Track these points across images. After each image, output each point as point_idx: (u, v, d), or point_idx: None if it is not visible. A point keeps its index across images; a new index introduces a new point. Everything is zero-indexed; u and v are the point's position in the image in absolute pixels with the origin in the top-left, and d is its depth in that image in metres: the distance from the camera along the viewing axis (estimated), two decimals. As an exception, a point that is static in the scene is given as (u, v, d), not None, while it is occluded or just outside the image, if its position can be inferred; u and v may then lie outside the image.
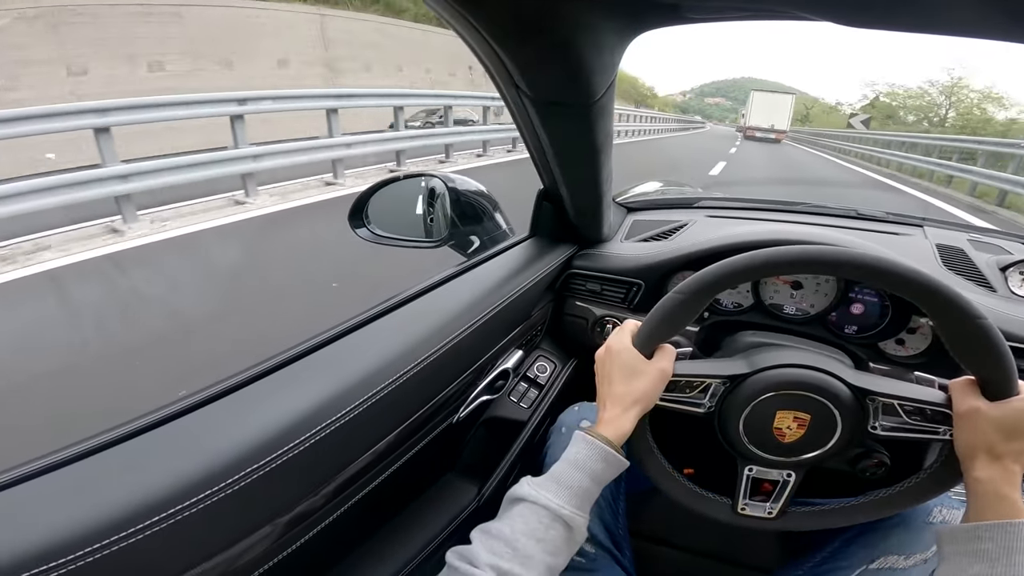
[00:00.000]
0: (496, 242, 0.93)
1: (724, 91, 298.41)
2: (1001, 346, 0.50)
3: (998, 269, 0.90)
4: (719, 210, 1.14)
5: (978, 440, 0.51)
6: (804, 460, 0.60)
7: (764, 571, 0.78)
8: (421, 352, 0.61)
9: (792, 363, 0.59)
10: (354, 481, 0.55)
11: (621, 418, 0.56)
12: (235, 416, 0.46)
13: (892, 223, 1.08)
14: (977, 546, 0.46)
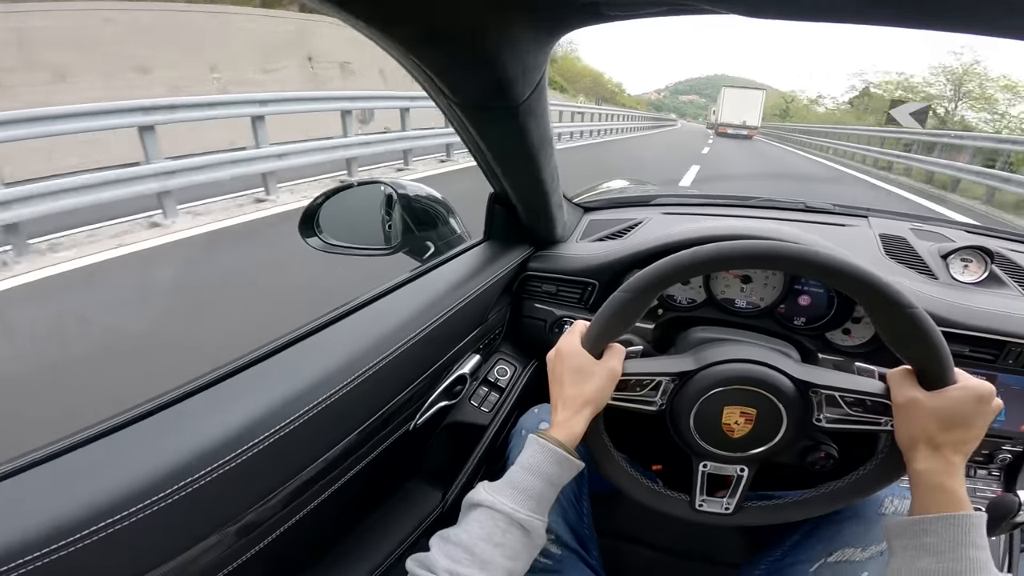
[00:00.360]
0: (451, 247, 0.93)
1: (698, 88, 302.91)
2: (934, 335, 0.50)
3: (939, 256, 0.92)
4: (674, 207, 1.15)
5: (917, 431, 0.51)
6: (754, 455, 0.61)
7: (731, 566, 0.79)
8: (372, 358, 0.61)
9: (737, 358, 0.60)
10: (306, 489, 0.55)
11: (572, 420, 0.56)
12: (179, 425, 0.46)
13: (839, 215, 1.11)
14: (923, 540, 0.47)
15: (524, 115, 0.55)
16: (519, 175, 0.76)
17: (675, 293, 0.91)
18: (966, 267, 0.90)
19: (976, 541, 0.45)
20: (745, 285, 0.88)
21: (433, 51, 0.43)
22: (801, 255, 0.54)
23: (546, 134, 0.65)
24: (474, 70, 0.46)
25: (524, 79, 0.49)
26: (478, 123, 0.59)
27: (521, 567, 0.51)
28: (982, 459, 0.88)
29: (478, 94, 0.51)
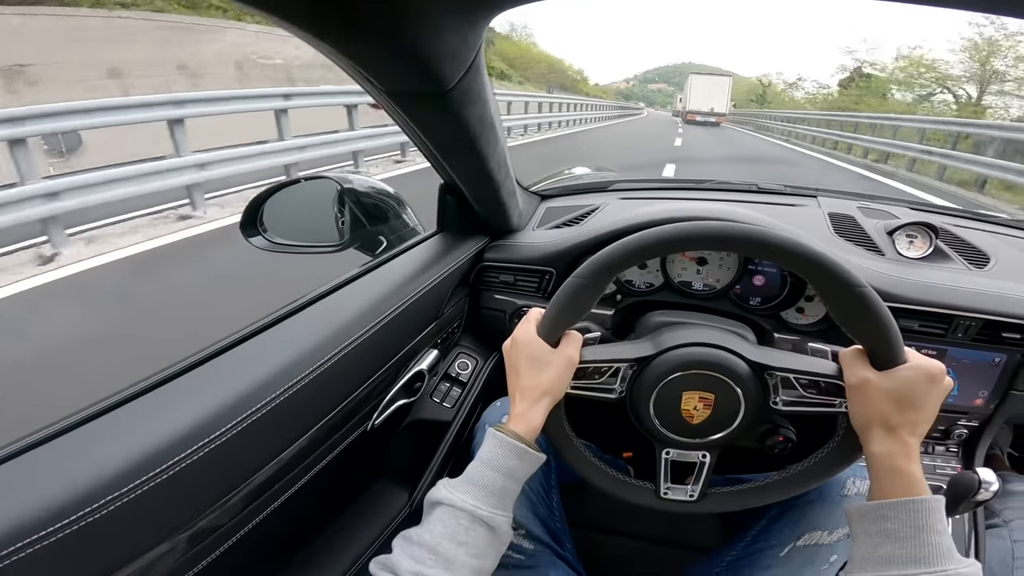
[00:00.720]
0: (404, 240, 0.91)
1: (666, 77, 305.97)
2: (883, 314, 0.50)
3: (886, 233, 0.94)
4: (631, 192, 1.15)
5: (871, 412, 0.50)
6: (714, 441, 0.61)
7: (704, 551, 0.80)
8: (323, 354, 0.59)
9: (694, 342, 0.60)
10: (264, 491, 0.53)
11: (531, 411, 0.55)
12: (125, 426, 0.44)
13: (789, 195, 1.13)
14: (883, 525, 0.46)
15: (457, 100, 0.53)
16: (463, 164, 0.74)
17: (633, 278, 0.91)
18: (911, 243, 0.93)
19: (936, 526, 0.45)
20: (701, 267, 0.89)
21: (351, 40, 0.40)
22: (752, 235, 0.53)
23: (487, 119, 0.63)
24: (396, 56, 0.44)
25: (452, 63, 0.47)
26: (410, 111, 0.57)
27: (489, 565, 0.50)
28: (939, 435, 0.90)
29: (404, 80, 0.49)
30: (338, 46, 0.41)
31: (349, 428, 0.67)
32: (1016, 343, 0.82)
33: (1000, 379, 0.84)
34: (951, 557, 0.43)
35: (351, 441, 0.68)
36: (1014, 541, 0.79)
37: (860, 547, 0.48)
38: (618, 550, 1.06)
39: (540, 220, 1.05)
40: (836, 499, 0.69)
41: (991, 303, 0.80)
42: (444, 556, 0.46)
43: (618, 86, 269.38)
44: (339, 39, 0.40)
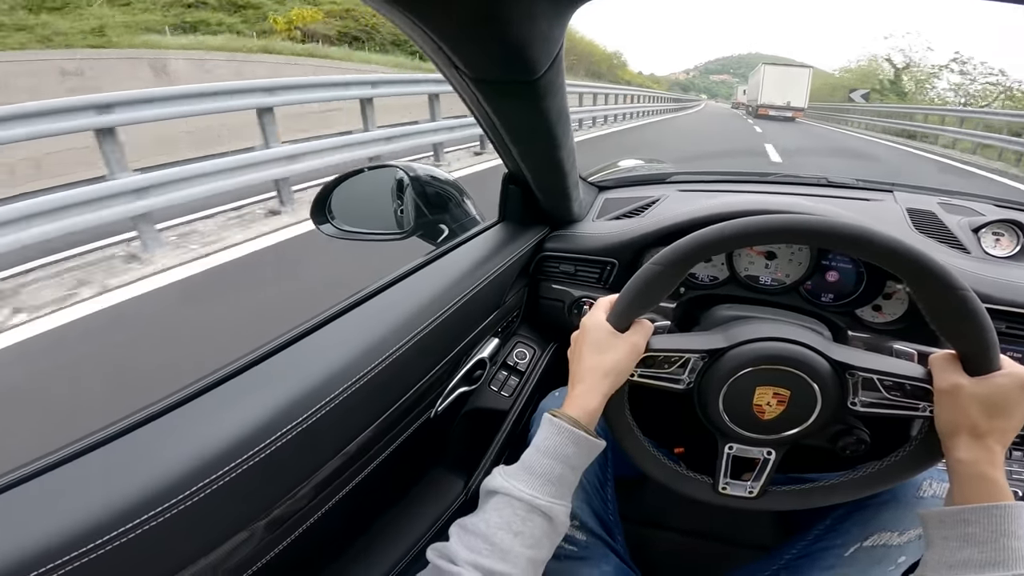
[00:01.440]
0: (465, 229, 0.92)
1: (730, 67, 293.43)
2: (983, 319, 0.48)
3: (970, 230, 0.88)
4: (690, 184, 1.12)
5: (960, 418, 0.49)
6: (784, 438, 0.59)
7: (761, 549, 0.77)
8: (389, 346, 0.59)
9: (771, 336, 0.58)
10: (331, 481, 0.54)
11: (588, 394, 0.54)
12: (196, 423, 0.45)
13: (862, 189, 1.07)
14: (964, 530, 0.45)
15: (542, 90, 0.53)
16: (536, 153, 0.74)
17: (696, 271, 0.89)
18: (998, 241, 0.86)
19: (1017, 531, 0.43)
20: (770, 262, 0.85)
21: (444, 20, 0.40)
22: (849, 231, 0.51)
23: (564, 110, 0.63)
24: (490, 42, 0.44)
25: (543, 51, 0.46)
26: (493, 100, 0.57)
27: (544, 555, 0.49)
28: (1019, 440, 0.84)
29: (494, 68, 0.49)
30: (435, 29, 0.41)
31: (412, 418, 0.68)
32: None
33: None
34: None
35: (414, 430, 0.69)
36: None
37: (936, 551, 0.47)
38: (670, 545, 1.04)
39: (599, 211, 1.04)
40: (911, 501, 0.66)
41: None
42: (500, 546, 0.46)
43: (677, 77, 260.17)
44: (436, 22, 0.40)
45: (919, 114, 17.48)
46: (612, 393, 0.56)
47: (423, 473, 0.85)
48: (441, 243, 0.90)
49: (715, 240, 0.54)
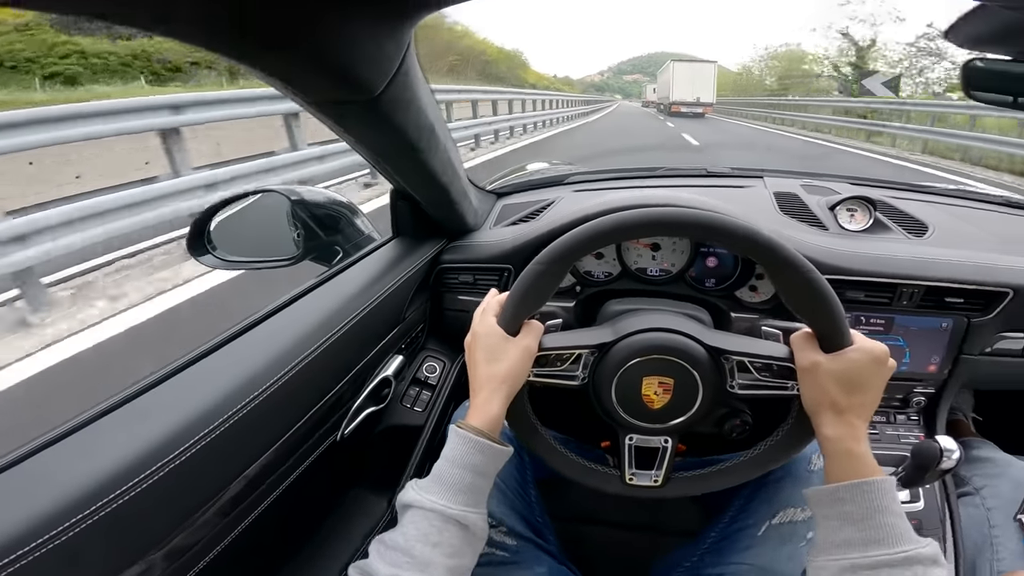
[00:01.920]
0: (360, 248, 0.90)
1: (641, 67, 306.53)
2: (830, 298, 0.51)
3: (827, 208, 0.97)
4: (585, 184, 1.16)
5: (821, 395, 0.52)
6: (675, 425, 0.62)
7: (689, 535, 0.80)
8: (279, 369, 0.58)
9: (652, 327, 0.61)
10: (234, 507, 0.53)
11: (489, 402, 0.55)
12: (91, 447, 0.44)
13: (737, 176, 1.15)
14: (841, 508, 0.48)
15: (385, 108, 0.53)
16: (407, 169, 0.74)
17: (591, 268, 0.92)
18: (852, 216, 0.96)
19: (891, 507, 0.46)
20: (656, 253, 0.90)
21: (262, 53, 0.40)
22: (701, 220, 0.54)
23: (424, 124, 0.63)
24: (313, 67, 0.43)
25: (374, 70, 0.47)
26: (338, 121, 0.56)
27: (466, 562, 0.50)
28: (898, 403, 0.93)
29: (326, 91, 0.48)
30: (250, 60, 0.40)
31: (317, 439, 0.67)
32: (960, 307, 0.84)
33: (950, 344, 0.87)
34: (908, 537, 0.45)
35: (321, 452, 0.68)
36: (988, 508, 0.81)
37: (822, 531, 0.50)
38: (604, 539, 1.07)
39: (497, 218, 1.05)
40: (804, 475, 0.71)
41: (931, 270, 0.82)
42: (419, 558, 0.46)
43: (592, 78, 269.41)
44: (248, 53, 0.39)
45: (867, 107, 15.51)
46: (512, 398, 0.57)
47: (343, 495, 0.84)
48: (335, 264, 0.88)
49: (590, 236, 0.56)
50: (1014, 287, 0.82)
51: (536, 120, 13.17)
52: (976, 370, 0.89)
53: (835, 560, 0.46)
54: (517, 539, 0.70)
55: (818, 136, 14.90)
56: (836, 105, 17.87)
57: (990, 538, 0.77)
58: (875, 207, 0.94)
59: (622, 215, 0.55)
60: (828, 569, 0.46)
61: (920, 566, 0.43)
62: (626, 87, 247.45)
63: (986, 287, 0.83)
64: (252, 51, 0.39)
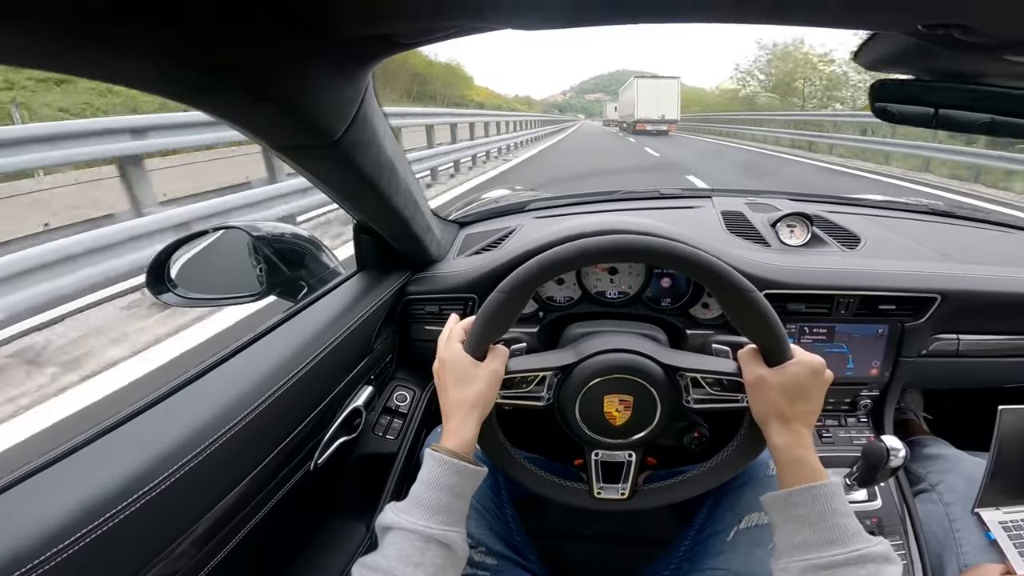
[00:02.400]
0: (325, 283, 0.91)
1: (603, 86, 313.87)
2: (770, 316, 0.55)
3: (769, 225, 1.03)
4: (545, 210, 1.20)
5: (768, 407, 0.56)
6: (637, 440, 0.65)
7: (663, 543, 0.83)
8: (248, 404, 0.59)
9: (612, 348, 0.64)
10: (209, 539, 0.53)
11: (463, 426, 0.57)
12: (53, 490, 0.43)
13: (688, 197, 1.22)
14: (795, 512, 0.51)
15: (347, 150, 0.55)
16: (367, 206, 0.76)
17: (553, 294, 0.96)
18: (792, 231, 1.02)
19: (840, 508, 0.50)
20: (613, 276, 0.94)
21: (223, 101, 0.41)
22: (650, 247, 0.58)
23: (383, 162, 0.65)
24: (274, 117, 0.45)
25: (333, 116, 0.49)
26: (300, 163, 0.58)
27: None
28: (847, 407, 0.99)
29: (287, 136, 0.50)
30: (210, 109, 0.42)
31: (290, 470, 0.68)
32: (893, 314, 0.91)
33: (887, 348, 0.93)
34: (860, 537, 0.48)
35: (295, 483, 0.68)
36: (946, 504, 0.85)
37: (780, 535, 0.53)
38: (583, 553, 1.09)
39: (460, 248, 1.08)
40: (764, 479, 0.74)
41: (864, 280, 0.89)
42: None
43: (555, 99, 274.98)
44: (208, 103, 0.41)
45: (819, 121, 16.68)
46: (483, 420, 0.59)
47: (321, 525, 0.84)
48: (300, 299, 0.88)
49: (551, 264, 0.59)
50: (942, 292, 0.89)
51: (489, 147, 10.63)
52: (915, 371, 0.95)
53: (796, 562, 0.49)
54: (497, 559, 0.71)
55: (765, 147, 16.60)
56: (779, 120, 19.45)
57: (952, 533, 0.81)
58: (812, 222, 1.01)
59: (580, 243, 0.59)
60: (790, 570, 0.49)
61: (873, 564, 0.46)
62: (588, 106, 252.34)
63: (916, 294, 0.89)
64: (212, 101, 0.41)
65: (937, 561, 0.81)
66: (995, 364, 0.97)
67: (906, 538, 0.84)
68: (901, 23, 0.34)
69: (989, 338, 0.95)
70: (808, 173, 9.56)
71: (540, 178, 9.11)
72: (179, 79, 0.36)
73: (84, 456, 0.47)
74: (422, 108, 11.08)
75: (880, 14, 0.33)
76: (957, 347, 0.94)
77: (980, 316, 0.93)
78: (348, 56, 0.44)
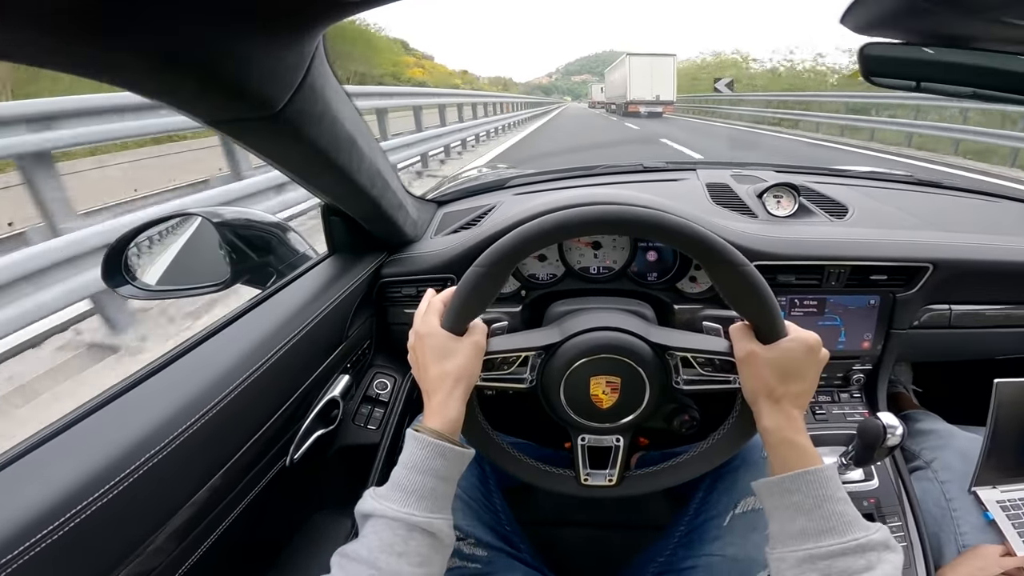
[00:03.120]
0: (295, 268, 0.87)
1: (589, 67, 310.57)
2: (764, 290, 0.53)
3: (755, 196, 1.00)
4: (525, 186, 1.17)
5: (758, 385, 0.53)
6: (625, 424, 0.62)
7: (658, 528, 0.81)
8: (215, 395, 0.56)
9: (597, 327, 0.61)
10: (185, 535, 0.51)
11: (447, 404, 0.53)
12: (19, 485, 0.42)
13: (672, 171, 1.19)
14: (791, 499, 0.48)
15: (291, 122, 0.50)
16: (328, 184, 0.71)
17: (536, 271, 0.92)
18: (779, 202, 1.00)
19: (836, 494, 0.47)
20: (597, 251, 0.91)
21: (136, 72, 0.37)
22: (639, 217, 0.54)
23: (342, 135, 0.60)
24: (197, 85, 0.40)
25: (272, 84, 0.44)
26: (239, 137, 0.53)
27: (436, 571, 0.48)
28: (840, 382, 0.97)
29: (216, 109, 0.45)
30: (121, 80, 0.37)
31: (266, 464, 0.65)
32: (885, 284, 0.89)
33: (879, 320, 0.91)
34: (859, 524, 0.46)
35: (272, 478, 0.66)
36: (941, 482, 0.84)
37: (775, 522, 0.50)
38: (576, 540, 1.07)
39: (438, 227, 1.04)
40: (759, 462, 0.72)
41: (854, 249, 0.87)
42: (385, 570, 0.44)
43: (540, 81, 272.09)
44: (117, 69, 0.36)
45: (791, 100, 17.44)
46: (468, 397, 0.56)
47: (303, 520, 0.82)
48: (270, 286, 0.84)
49: (531, 236, 0.55)
50: (933, 261, 0.87)
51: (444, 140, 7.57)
52: (907, 343, 0.94)
53: (793, 551, 0.46)
54: (487, 550, 0.68)
55: (749, 125, 17.60)
56: (756, 99, 20.20)
57: (949, 512, 0.80)
58: (799, 192, 0.98)
59: (563, 214, 0.55)
60: (787, 560, 0.47)
61: (873, 552, 0.44)
62: (575, 88, 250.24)
63: (907, 263, 0.87)
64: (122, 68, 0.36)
65: (935, 542, 0.79)
66: (987, 335, 0.95)
67: (904, 519, 0.82)
68: None
69: (981, 308, 0.94)
70: (797, 148, 9.75)
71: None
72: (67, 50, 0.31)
73: (41, 455, 0.45)
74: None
75: None
76: (949, 318, 0.93)
77: (972, 285, 0.92)
78: (283, 17, 0.39)
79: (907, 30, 0.43)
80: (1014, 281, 0.92)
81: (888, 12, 0.40)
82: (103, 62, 0.34)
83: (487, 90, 44.10)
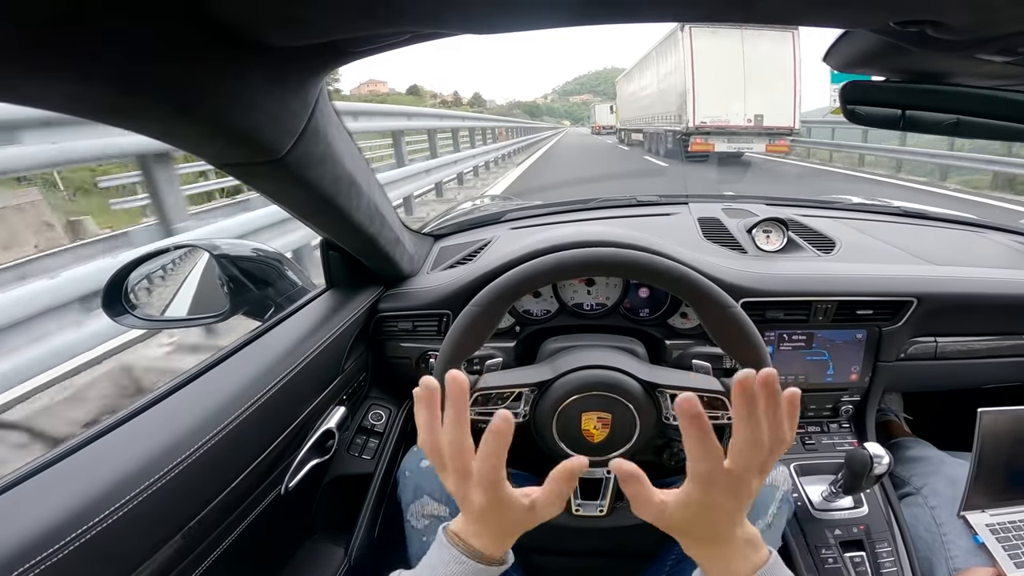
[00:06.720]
0: (293, 301, 0.88)
1: (590, 86, 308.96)
2: (750, 332, 0.55)
3: (745, 231, 1.03)
4: (521, 220, 1.19)
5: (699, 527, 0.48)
6: (615, 457, 0.62)
7: (649, 556, 0.80)
8: (214, 426, 0.56)
9: (589, 365, 0.62)
10: (179, 562, 0.51)
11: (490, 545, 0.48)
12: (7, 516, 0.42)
13: (664, 204, 1.21)
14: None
15: (295, 166, 0.52)
16: (328, 223, 0.73)
17: (530, 307, 0.94)
18: (768, 237, 1.02)
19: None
20: (590, 288, 0.93)
21: (148, 121, 0.38)
22: (632, 261, 0.57)
23: (341, 176, 0.62)
24: (207, 133, 0.42)
25: (278, 131, 0.46)
26: (246, 180, 0.55)
27: None
28: (829, 413, 0.98)
29: (222, 154, 0.47)
30: (134, 126, 0.38)
31: (260, 493, 0.66)
32: (871, 318, 0.91)
33: (866, 353, 0.93)
34: None
35: (267, 507, 0.66)
36: (931, 507, 0.85)
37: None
38: (566, 568, 1.06)
39: (435, 261, 1.05)
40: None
41: (841, 285, 0.89)
42: None
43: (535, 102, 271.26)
44: (131, 117, 0.37)
45: None
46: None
47: (295, 548, 0.82)
48: (268, 318, 0.85)
49: (527, 277, 0.57)
50: (917, 295, 0.89)
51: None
52: (895, 375, 0.95)
53: None
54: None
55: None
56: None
57: (940, 537, 0.80)
58: (787, 227, 1.01)
59: (559, 256, 0.57)
60: None
61: None
62: (574, 110, 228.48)
63: (892, 297, 0.89)
64: (135, 116, 0.37)
65: (926, 566, 0.80)
66: (973, 366, 0.97)
67: (895, 544, 0.83)
68: (874, 20, 0.34)
69: (966, 339, 0.95)
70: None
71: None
72: (86, 97, 0.33)
73: (31, 487, 0.45)
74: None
75: (853, 10, 0.33)
76: (935, 350, 0.95)
77: (956, 318, 0.94)
78: (290, 66, 0.41)
79: (886, 67, 0.45)
80: (997, 313, 0.93)
81: (867, 50, 0.42)
82: (123, 109, 0.36)
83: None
